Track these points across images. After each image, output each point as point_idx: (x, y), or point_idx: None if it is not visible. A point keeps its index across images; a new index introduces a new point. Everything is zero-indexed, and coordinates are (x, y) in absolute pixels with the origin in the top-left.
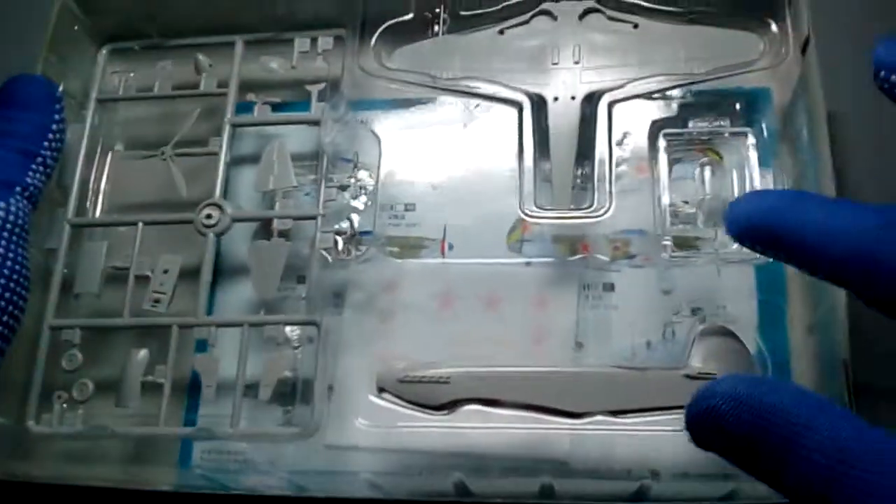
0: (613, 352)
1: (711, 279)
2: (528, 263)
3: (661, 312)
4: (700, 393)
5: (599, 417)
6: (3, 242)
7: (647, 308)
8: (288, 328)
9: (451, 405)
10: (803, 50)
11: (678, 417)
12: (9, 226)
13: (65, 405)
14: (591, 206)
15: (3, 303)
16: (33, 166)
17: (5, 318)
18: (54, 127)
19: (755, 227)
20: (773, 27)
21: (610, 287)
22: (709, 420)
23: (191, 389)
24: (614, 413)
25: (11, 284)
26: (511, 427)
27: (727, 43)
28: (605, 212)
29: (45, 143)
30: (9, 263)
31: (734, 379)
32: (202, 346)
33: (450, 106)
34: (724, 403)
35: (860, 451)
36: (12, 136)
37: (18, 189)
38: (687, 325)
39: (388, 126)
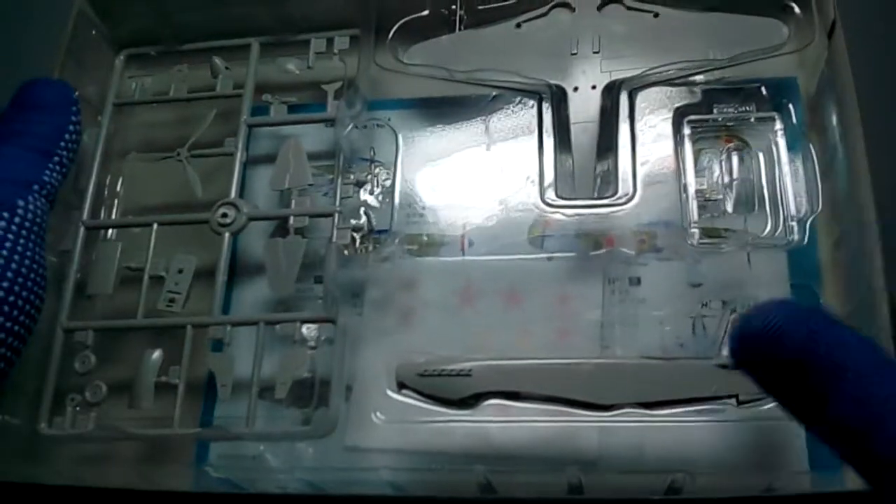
0: (641, 348)
1: (741, 269)
2: (550, 258)
3: (690, 305)
4: (755, 310)
5: (629, 410)
6: (22, 241)
7: (676, 301)
8: (304, 327)
9: (472, 399)
10: (829, 34)
11: (712, 408)
12: (27, 223)
13: (77, 408)
14: (614, 195)
15: (20, 301)
16: (50, 165)
17: (22, 318)
18: (71, 128)
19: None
20: (797, 11)
21: (636, 281)
22: (765, 336)
23: (207, 390)
24: (644, 405)
25: (29, 283)
26: (536, 421)
27: (750, 29)
28: (629, 201)
29: (62, 144)
30: (26, 262)
31: (790, 301)
32: (218, 345)
33: (468, 103)
34: (783, 320)
35: None
36: (29, 135)
37: (36, 187)
38: (718, 318)
39: (407, 124)
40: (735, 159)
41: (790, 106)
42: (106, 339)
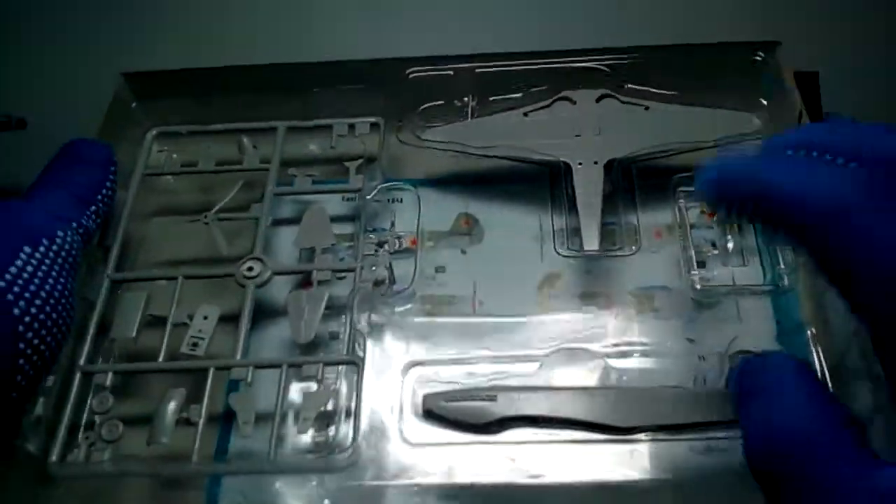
0: None
1: (733, 323)
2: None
3: (688, 358)
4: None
5: (647, 434)
6: (56, 268)
7: (675, 356)
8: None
9: (497, 424)
10: (799, 120)
11: (732, 433)
12: (63, 253)
13: (92, 445)
14: (619, 249)
15: (49, 322)
16: (87, 212)
17: (49, 339)
18: (108, 183)
19: (727, 184)
20: (765, 104)
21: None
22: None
23: (223, 421)
24: (664, 428)
25: (59, 308)
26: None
27: (726, 120)
28: (633, 254)
29: (99, 196)
30: (59, 287)
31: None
32: (234, 385)
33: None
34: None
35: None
36: (72, 184)
37: (74, 225)
38: (716, 371)
39: (423, 198)
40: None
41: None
42: (126, 378)
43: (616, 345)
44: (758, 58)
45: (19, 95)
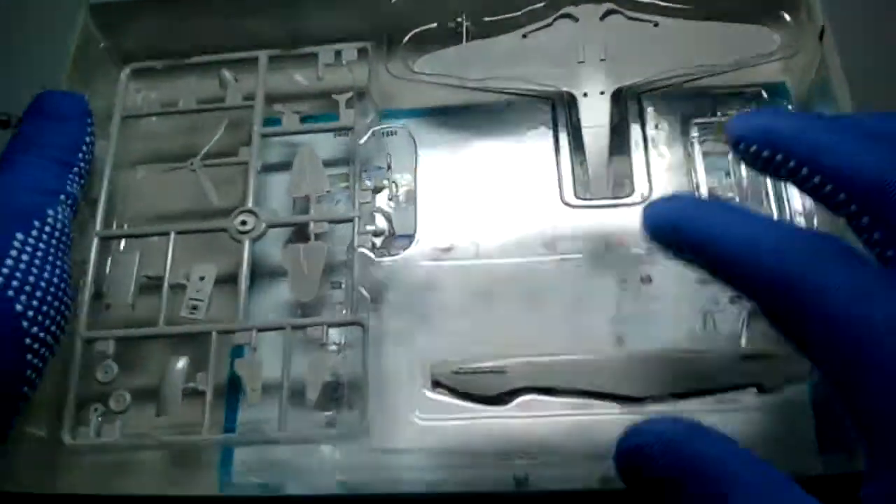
0: (654, 344)
1: None
2: (563, 259)
3: (700, 302)
4: (630, 430)
5: (660, 403)
6: (52, 250)
7: (686, 298)
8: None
9: (506, 396)
10: (820, 38)
11: (734, 398)
12: (56, 233)
13: (100, 417)
14: (629, 195)
15: (52, 311)
16: (70, 175)
17: (53, 328)
18: (87, 139)
19: (662, 229)
20: (788, 19)
21: (647, 279)
22: (638, 458)
23: (228, 395)
24: (675, 396)
25: (59, 293)
26: (570, 415)
27: (744, 37)
28: (644, 201)
29: (80, 155)
30: (57, 271)
31: (666, 421)
32: (238, 351)
33: (481, 109)
34: (654, 444)
35: None
36: (50, 146)
37: (62, 197)
38: (727, 313)
39: (419, 132)
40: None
41: (788, 108)
42: (127, 348)
43: (624, 289)
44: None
45: None
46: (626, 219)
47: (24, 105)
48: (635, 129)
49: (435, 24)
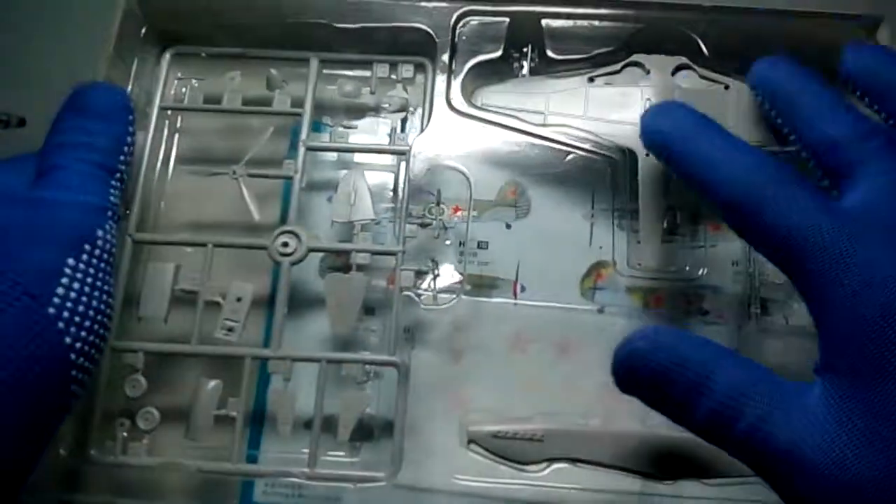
0: None
1: (778, 352)
2: (600, 310)
3: None
4: (624, 339)
5: (691, 482)
6: (100, 274)
7: None
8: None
9: (543, 462)
10: None
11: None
12: (105, 255)
13: (126, 433)
14: (677, 269)
15: (97, 339)
16: (113, 183)
17: (94, 354)
18: (129, 140)
19: (657, 144)
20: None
21: None
22: (632, 361)
23: (254, 420)
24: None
25: (105, 320)
26: (603, 489)
27: None
28: (691, 272)
29: (122, 158)
30: (103, 297)
31: (654, 328)
32: (266, 377)
33: (535, 151)
34: (646, 347)
35: (756, 391)
36: (92, 149)
37: (109, 213)
38: None
39: (469, 162)
40: None
41: None
42: (157, 363)
43: None
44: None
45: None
46: (670, 279)
47: (60, 87)
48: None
49: (499, 55)
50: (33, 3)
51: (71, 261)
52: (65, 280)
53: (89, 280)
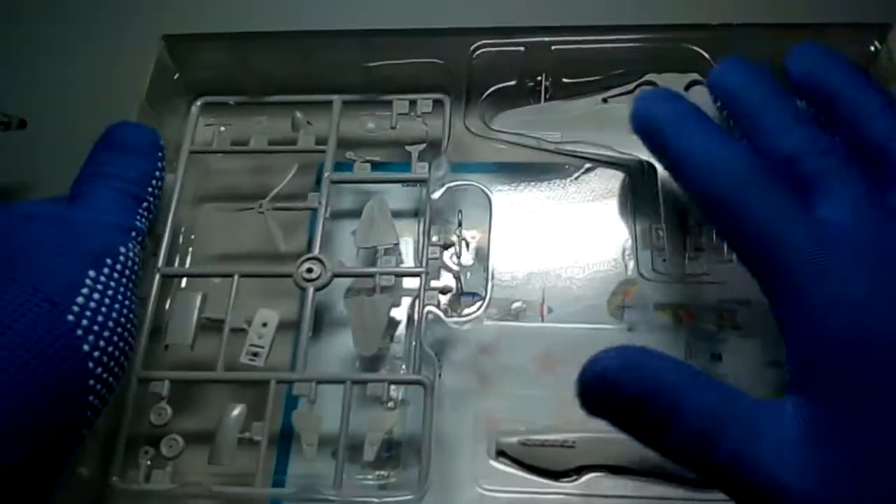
0: None
1: None
2: (630, 329)
3: (770, 383)
4: (591, 360)
5: None
6: (122, 289)
7: (756, 379)
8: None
9: (574, 471)
10: None
11: None
12: (127, 271)
13: (150, 461)
14: (704, 274)
15: (116, 352)
16: (140, 210)
17: (116, 369)
18: (157, 174)
19: (646, 132)
20: None
21: (717, 357)
22: (600, 383)
23: (280, 443)
24: None
25: (125, 334)
26: (641, 497)
27: None
28: (718, 282)
29: (150, 189)
30: (124, 311)
31: (622, 348)
32: (293, 401)
33: (556, 169)
34: (614, 368)
35: (730, 416)
36: (122, 179)
37: (133, 234)
38: None
39: (491, 189)
40: None
41: None
42: (182, 389)
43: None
44: (875, 47)
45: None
46: (699, 294)
47: (97, 133)
48: None
49: (515, 83)
50: (71, 56)
51: (92, 272)
52: (85, 290)
53: (110, 293)
